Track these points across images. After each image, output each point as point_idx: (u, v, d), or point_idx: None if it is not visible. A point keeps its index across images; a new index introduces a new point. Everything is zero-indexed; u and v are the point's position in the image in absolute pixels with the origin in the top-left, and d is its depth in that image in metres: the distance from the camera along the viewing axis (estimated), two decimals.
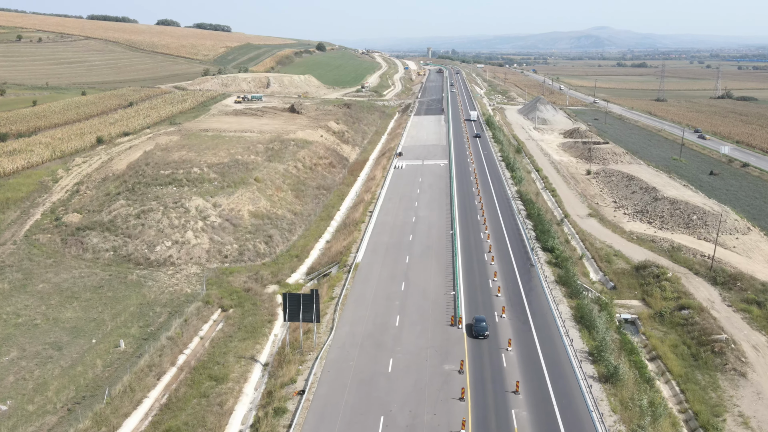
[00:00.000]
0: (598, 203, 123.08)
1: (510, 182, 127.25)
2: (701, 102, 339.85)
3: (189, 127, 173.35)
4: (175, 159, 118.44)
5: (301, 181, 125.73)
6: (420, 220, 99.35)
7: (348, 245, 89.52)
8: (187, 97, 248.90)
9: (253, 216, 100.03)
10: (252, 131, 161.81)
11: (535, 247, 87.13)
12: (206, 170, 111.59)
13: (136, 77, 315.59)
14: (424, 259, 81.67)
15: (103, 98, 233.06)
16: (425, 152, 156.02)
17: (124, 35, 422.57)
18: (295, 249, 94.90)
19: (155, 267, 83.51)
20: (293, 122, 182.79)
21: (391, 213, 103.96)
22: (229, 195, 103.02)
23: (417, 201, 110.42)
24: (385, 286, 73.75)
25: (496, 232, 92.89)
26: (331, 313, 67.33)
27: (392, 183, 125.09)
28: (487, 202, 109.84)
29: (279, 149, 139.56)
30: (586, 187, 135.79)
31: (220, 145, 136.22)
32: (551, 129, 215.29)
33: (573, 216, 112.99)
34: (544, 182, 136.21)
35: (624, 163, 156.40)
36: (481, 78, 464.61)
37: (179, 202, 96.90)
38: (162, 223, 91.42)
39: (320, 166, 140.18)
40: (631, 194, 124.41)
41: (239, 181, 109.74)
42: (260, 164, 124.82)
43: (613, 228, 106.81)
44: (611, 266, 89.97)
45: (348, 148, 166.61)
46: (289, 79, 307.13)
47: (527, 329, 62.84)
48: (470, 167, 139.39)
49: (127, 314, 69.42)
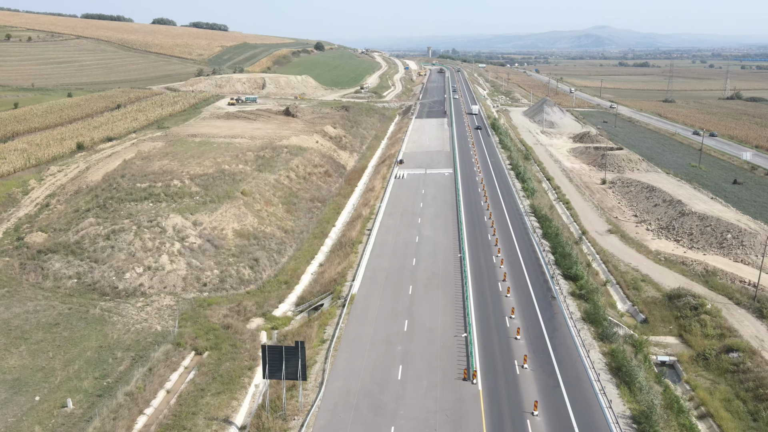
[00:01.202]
0: (617, 217, 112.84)
1: (521, 194, 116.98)
2: (710, 103, 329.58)
3: (176, 131, 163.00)
4: (155, 170, 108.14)
5: (294, 193, 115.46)
6: (424, 239, 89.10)
7: (343, 271, 79.26)
8: (179, 98, 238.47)
9: (238, 235, 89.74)
10: (243, 137, 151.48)
11: (556, 275, 76.87)
12: (188, 183, 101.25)
13: (128, 78, 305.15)
14: (430, 290, 71.43)
15: (90, 100, 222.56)
16: (428, 159, 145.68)
17: (117, 34, 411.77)
18: (285, 273, 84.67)
19: (123, 298, 73.22)
20: (287, 126, 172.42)
21: (392, 231, 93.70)
22: (211, 211, 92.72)
23: (420, 217, 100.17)
24: (386, 325, 63.50)
25: (510, 256, 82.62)
26: (321, 362, 57.05)
27: (393, 195, 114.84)
28: (498, 218, 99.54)
29: (270, 157, 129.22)
30: (603, 198, 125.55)
31: (206, 153, 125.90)
32: (559, 133, 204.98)
33: (591, 233, 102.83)
34: (557, 193, 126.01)
35: (641, 171, 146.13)
36: (484, 78, 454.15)
37: (155, 220, 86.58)
38: (134, 246, 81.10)
39: (315, 175, 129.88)
40: (653, 207, 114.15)
41: (224, 194, 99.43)
42: (249, 175, 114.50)
43: (637, 247, 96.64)
44: (640, 294, 79.81)
45: (345, 155, 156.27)
46: (286, 79, 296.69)
47: (555, 384, 52.57)
48: (477, 176, 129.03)
49: (83, 361, 59.12)
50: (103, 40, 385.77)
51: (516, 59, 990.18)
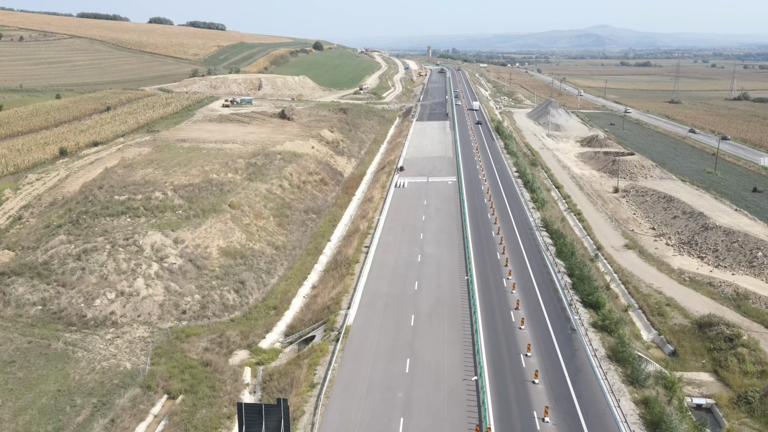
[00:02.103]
0: (633, 230, 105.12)
1: (531, 206, 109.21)
2: (718, 104, 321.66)
3: (165, 136, 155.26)
4: (137, 180, 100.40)
5: (287, 204, 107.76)
6: (427, 259, 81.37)
7: (337, 296, 71.53)
8: (171, 100, 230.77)
9: (223, 254, 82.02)
10: (235, 142, 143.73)
11: (574, 302, 69.14)
12: (171, 195, 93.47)
13: (121, 78, 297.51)
14: (435, 321, 63.72)
15: (79, 102, 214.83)
16: (430, 166, 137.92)
17: (111, 34, 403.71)
18: (274, 297, 77.03)
19: (91, 328, 65.53)
20: (282, 130, 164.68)
21: (392, 249, 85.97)
22: (195, 227, 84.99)
23: (422, 232, 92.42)
24: (384, 364, 55.80)
25: (522, 279, 74.88)
26: (309, 414, 49.35)
27: (393, 206, 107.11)
28: (507, 234, 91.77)
29: (262, 165, 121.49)
30: (616, 208, 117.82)
31: (194, 161, 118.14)
32: (566, 136, 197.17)
33: (607, 248, 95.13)
34: (567, 202, 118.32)
35: (654, 178, 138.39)
36: (485, 78, 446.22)
37: (131, 238, 78.86)
38: (106, 268, 73.39)
39: (310, 184, 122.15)
40: (672, 219, 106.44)
41: (210, 208, 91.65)
42: (238, 184, 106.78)
43: (657, 265, 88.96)
44: (666, 321, 72.17)
45: (343, 161, 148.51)
46: (283, 80, 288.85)
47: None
48: (483, 185, 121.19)
49: (36, 410, 51.44)
50: (97, 40, 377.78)
51: (516, 59, 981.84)
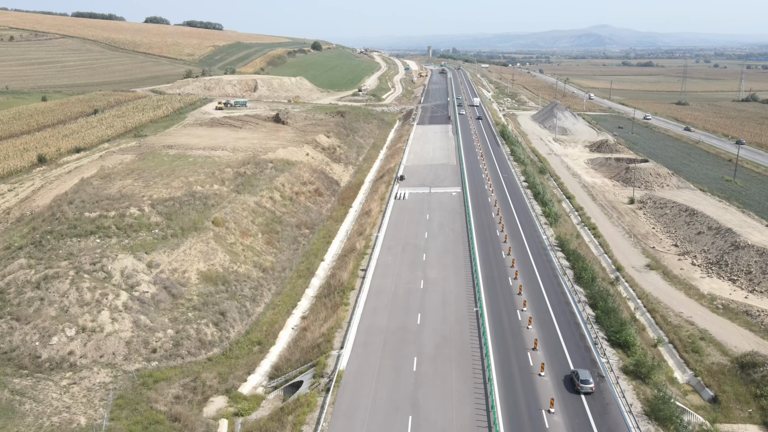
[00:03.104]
0: (654, 247, 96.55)
1: (542, 221, 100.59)
2: (727, 105, 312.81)
3: (152, 142, 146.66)
4: (113, 193, 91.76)
5: (277, 218, 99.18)
6: (431, 285, 72.79)
7: (329, 332, 62.95)
8: (163, 102, 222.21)
9: (203, 279, 73.47)
10: (224, 148, 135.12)
11: (599, 340, 60.51)
12: (148, 211, 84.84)
13: (112, 79, 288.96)
14: (440, 365, 55.15)
15: (66, 104, 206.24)
16: (432, 175, 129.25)
17: (105, 33, 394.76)
18: (259, 329, 68.55)
19: (45, 372, 57.01)
20: (276, 135, 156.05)
21: (391, 272, 77.37)
22: (172, 248, 76.38)
23: (425, 252, 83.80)
24: (382, 424, 47.24)
25: (538, 311, 66.28)
26: None
27: (392, 221, 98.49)
28: (518, 255, 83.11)
29: (252, 174, 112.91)
30: (633, 222, 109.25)
31: (178, 170, 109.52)
32: (574, 141, 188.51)
33: (627, 268, 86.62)
34: (580, 215, 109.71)
35: (671, 187, 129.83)
36: (487, 79, 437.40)
37: (99, 263, 70.28)
38: (68, 298, 64.82)
39: (303, 195, 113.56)
40: (696, 236, 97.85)
41: (191, 226, 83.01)
42: (224, 197, 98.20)
43: (685, 289, 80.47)
44: (702, 359, 63.74)
45: (339, 168, 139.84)
46: (279, 81, 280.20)
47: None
48: (489, 197, 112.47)
49: None
50: (90, 40, 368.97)
51: (517, 59, 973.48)
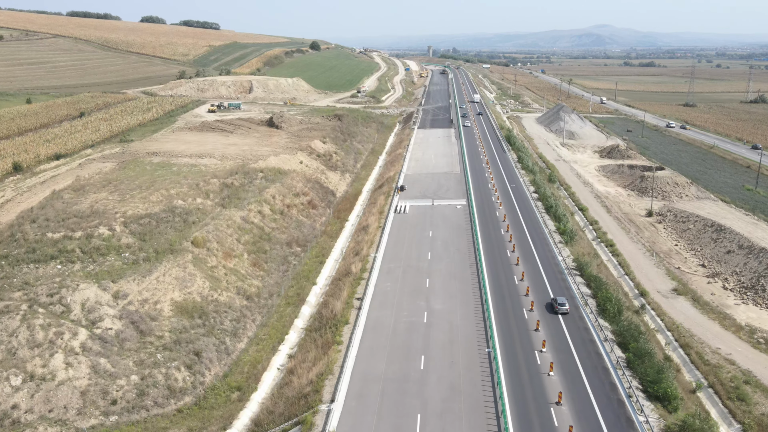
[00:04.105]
0: (679, 268, 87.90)
1: (557, 238, 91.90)
2: (736, 107, 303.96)
3: (136, 148, 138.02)
4: (84, 208, 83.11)
5: (266, 235, 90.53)
6: (435, 318, 64.15)
7: (319, 379, 54.31)
8: (153, 104, 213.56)
9: (178, 311, 64.83)
10: (213, 156, 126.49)
11: (634, 391, 51.80)
12: (119, 230, 76.17)
13: (103, 80, 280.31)
14: (449, 424, 46.57)
15: (51, 107, 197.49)
16: (435, 185, 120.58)
17: (98, 33, 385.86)
18: (239, 370, 59.96)
19: None
20: (268, 141, 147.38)
21: (390, 301, 68.74)
22: (144, 275, 67.71)
23: (428, 276, 75.16)
24: None
25: (561, 352, 57.63)
26: None
27: (392, 239, 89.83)
28: (533, 280, 74.43)
29: (240, 186, 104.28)
30: (654, 237, 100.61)
31: (159, 181, 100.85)
32: (582, 145, 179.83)
33: (652, 293, 78.06)
34: (595, 230, 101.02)
35: (690, 197, 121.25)
36: (489, 80, 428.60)
37: (57, 294, 61.62)
38: (17, 338, 56.15)
39: (296, 207, 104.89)
40: (725, 255, 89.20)
41: (167, 247, 74.33)
42: (208, 212, 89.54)
43: (719, 319, 71.87)
44: (749, 408, 55.15)
45: (335, 177, 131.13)
46: (275, 83, 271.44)
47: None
48: (498, 211, 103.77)
49: None
50: (82, 39, 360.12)
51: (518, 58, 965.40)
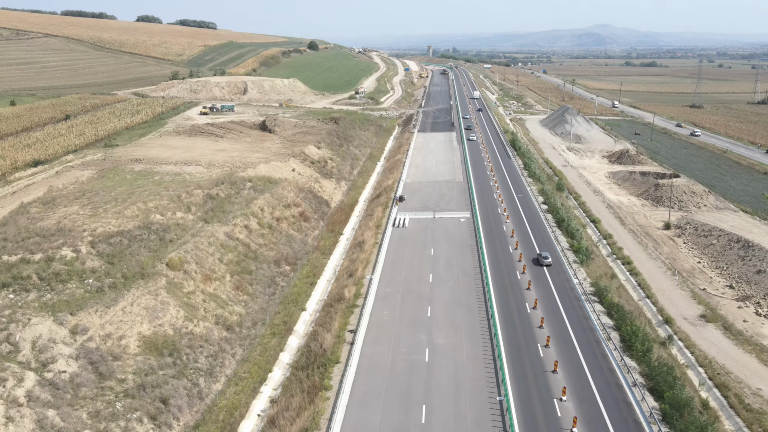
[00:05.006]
0: (705, 289, 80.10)
1: (570, 257, 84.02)
2: (744, 109, 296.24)
3: (119, 154, 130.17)
4: (50, 225, 75.28)
5: (252, 253, 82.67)
6: (438, 357, 56.26)
7: None
8: (143, 106, 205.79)
9: (145, 347, 56.98)
10: (199, 163, 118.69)
11: None
12: (85, 252, 68.30)
13: (94, 81, 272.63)
14: None
15: (35, 110, 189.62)
16: (436, 195, 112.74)
17: (91, 32, 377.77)
18: (213, 420, 52.11)
19: None
20: (260, 146, 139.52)
21: (387, 334, 60.88)
22: (109, 305, 59.81)
23: (430, 304, 67.31)
24: None
25: (583, 401, 49.73)
26: None
27: (389, 257, 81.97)
28: (547, 309, 66.46)
29: (226, 197, 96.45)
30: (673, 253, 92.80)
31: (138, 193, 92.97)
32: (590, 150, 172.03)
33: (678, 319, 70.37)
34: (610, 245, 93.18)
35: (709, 208, 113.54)
36: (490, 80, 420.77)
37: (5, 330, 53.72)
38: None
39: (286, 220, 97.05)
40: (755, 275, 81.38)
41: (138, 270, 66.45)
42: (189, 228, 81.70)
43: (756, 352, 64.13)
44: None
45: (330, 186, 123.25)
46: (271, 83, 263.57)
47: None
48: (505, 225, 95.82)
49: None
50: (74, 39, 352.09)
51: (518, 58, 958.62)
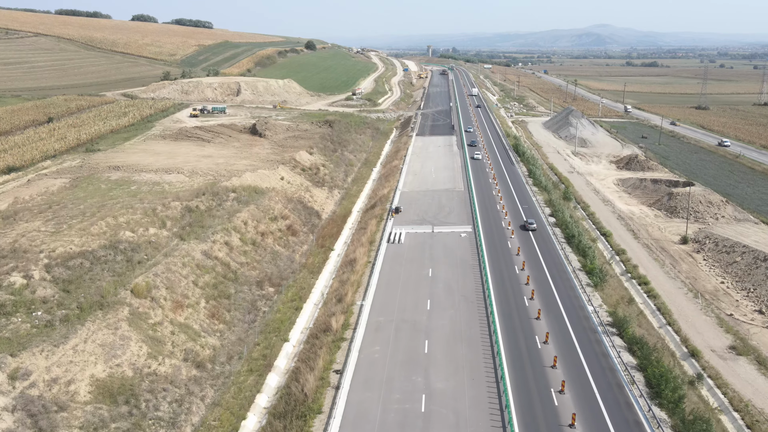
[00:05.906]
0: (732, 314, 72.39)
1: (583, 279, 76.26)
2: (751, 110, 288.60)
3: (97, 160, 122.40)
4: (4, 245, 67.49)
5: (232, 273, 74.92)
6: (436, 405, 48.50)
7: None
8: (131, 108, 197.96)
9: (98, 393, 49.23)
10: (181, 171, 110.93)
11: None
12: (38, 277, 60.52)
13: (84, 81, 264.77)
14: None
15: (16, 112, 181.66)
16: (435, 206, 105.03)
17: (83, 32, 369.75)
18: None
19: None
20: (248, 152, 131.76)
21: (378, 377, 53.12)
22: (58, 343, 52.03)
23: (427, 337, 59.55)
24: None
25: None
26: None
27: (383, 279, 74.21)
28: (560, 344, 58.70)
29: (207, 209, 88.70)
30: (693, 272, 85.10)
31: (109, 205, 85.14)
32: (596, 155, 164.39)
33: (704, 351, 62.82)
34: (623, 261, 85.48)
35: (728, 219, 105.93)
36: (491, 81, 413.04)
37: None
38: None
39: (272, 235, 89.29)
40: None
41: (97, 299, 58.69)
42: (161, 247, 73.96)
43: None
44: None
45: (322, 195, 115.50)
46: (265, 84, 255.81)
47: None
48: (509, 241, 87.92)
49: None
50: (65, 38, 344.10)
51: (518, 58, 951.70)
